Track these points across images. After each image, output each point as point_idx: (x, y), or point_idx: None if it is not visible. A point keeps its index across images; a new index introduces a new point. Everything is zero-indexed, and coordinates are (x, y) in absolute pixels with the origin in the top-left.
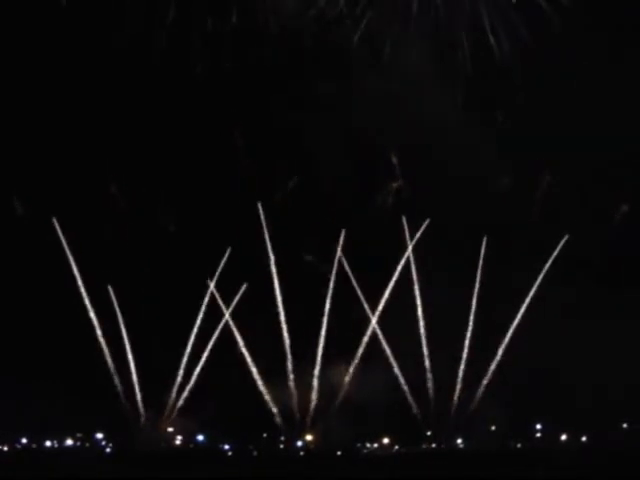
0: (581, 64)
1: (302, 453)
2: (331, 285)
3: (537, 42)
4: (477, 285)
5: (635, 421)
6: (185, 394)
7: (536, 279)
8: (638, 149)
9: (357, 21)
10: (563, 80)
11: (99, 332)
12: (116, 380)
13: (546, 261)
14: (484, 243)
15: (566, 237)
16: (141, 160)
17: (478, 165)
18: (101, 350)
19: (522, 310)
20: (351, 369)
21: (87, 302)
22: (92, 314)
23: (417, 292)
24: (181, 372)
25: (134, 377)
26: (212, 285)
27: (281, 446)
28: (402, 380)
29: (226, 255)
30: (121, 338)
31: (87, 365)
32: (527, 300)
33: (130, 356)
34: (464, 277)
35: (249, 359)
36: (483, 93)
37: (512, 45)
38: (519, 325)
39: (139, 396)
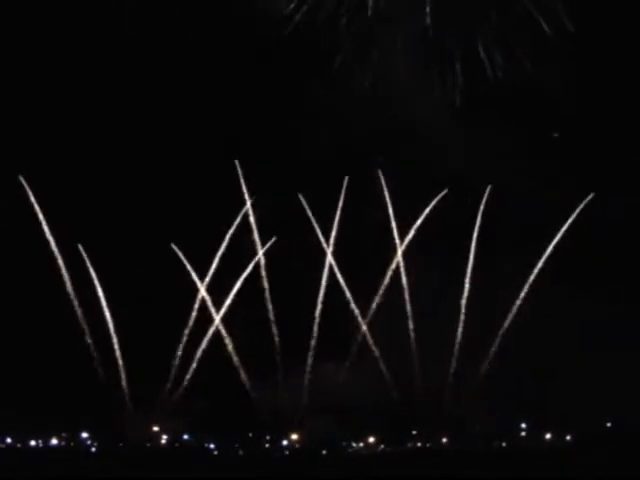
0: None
1: (287, 452)
2: (323, 286)
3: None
4: (467, 285)
5: (620, 420)
6: (176, 394)
7: (528, 279)
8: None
9: (345, 27)
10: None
11: (87, 332)
12: (103, 378)
13: (537, 261)
14: (474, 244)
15: (591, 195)
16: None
17: (468, 167)
18: (89, 350)
19: (513, 311)
20: (339, 369)
21: (75, 304)
22: (79, 313)
23: (406, 293)
24: (172, 372)
25: (122, 376)
26: (203, 289)
27: (267, 445)
28: (389, 379)
29: (217, 257)
30: (110, 338)
31: (74, 365)
32: (518, 300)
33: (118, 354)
34: (455, 278)
35: (236, 359)
36: (473, 101)
37: (505, 61)
38: (508, 326)
39: (127, 395)
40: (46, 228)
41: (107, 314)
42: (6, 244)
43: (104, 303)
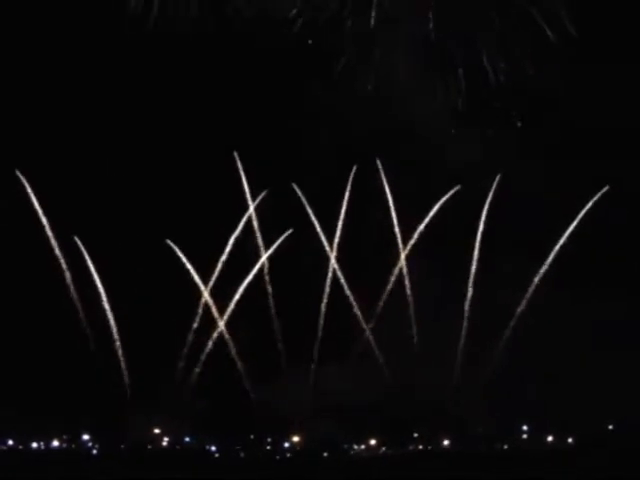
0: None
1: (289, 454)
2: (326, 291)
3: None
4: (470, 288)
5: (621, 422)
6: (179, 396)
7: (531, 282)
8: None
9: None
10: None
11: (89, 333)
12: (104, 380)
13: (540, 264)
14: (477, 246)
15: (606, 188)
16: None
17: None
18: (91, 351)
19: (516, 314)
20: (341, 371)
21: (78, 305)
22: (82, 315)
23: (409, 297)
24: (175, 375)
25: (124, 378)
26: (206, 293)
27: (268, 447)
28: (391, 382)
29: (221, 260)
30: (112, 339)
31: (76, 366)
32: (521, 303)
33: (120, 356)
34: (459, 280)
35: (239, 361)
36: (475, 104)
37: (507, 64)
38: (510, 329)
39: (128, 397)
40: (50, 232)
41: (109, 316)
42: (5, 243)
43: (106, 305)
